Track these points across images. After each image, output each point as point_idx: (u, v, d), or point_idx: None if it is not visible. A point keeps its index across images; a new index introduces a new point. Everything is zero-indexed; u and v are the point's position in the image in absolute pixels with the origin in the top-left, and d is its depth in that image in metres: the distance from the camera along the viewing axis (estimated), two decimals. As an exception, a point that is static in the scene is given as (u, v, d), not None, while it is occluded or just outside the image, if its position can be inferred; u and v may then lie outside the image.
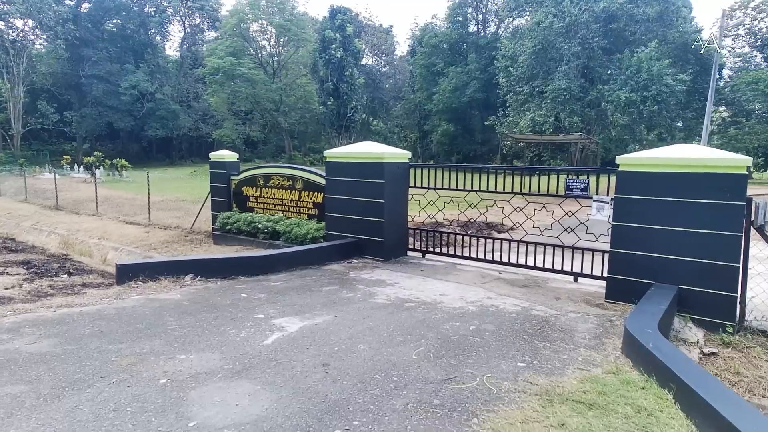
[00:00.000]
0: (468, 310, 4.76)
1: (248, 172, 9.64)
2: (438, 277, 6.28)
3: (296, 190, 8.76)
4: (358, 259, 7.23)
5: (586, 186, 6.00)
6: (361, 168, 7.20)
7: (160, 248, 9.69)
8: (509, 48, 32.74)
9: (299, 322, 4.12)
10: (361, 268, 6.67)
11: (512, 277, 6.36)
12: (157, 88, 41.77)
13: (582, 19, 27.78)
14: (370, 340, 3.74)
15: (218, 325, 3.95)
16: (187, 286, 5.26)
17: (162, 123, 42.69)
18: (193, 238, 10.45)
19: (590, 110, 28.53)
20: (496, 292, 5.59)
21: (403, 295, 5.26)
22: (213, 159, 10.12)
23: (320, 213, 8.37)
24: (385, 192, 7.05)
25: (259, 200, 9.40)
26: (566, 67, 28.24)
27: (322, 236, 7.91)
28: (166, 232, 11.23)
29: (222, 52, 32.89)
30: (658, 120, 27.43)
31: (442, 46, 44.78)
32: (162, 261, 5.66)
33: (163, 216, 13.08)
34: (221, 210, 9.88)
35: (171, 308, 4.37)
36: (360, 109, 35.11)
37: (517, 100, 31.85)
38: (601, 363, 3.41)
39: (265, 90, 34.06)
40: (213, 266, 5.80)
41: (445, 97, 40.86)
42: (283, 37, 36.01)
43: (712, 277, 4.60)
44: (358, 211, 7.30)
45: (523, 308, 4.90)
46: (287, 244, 8.32)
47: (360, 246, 7.34)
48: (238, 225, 9.16)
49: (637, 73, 26.65)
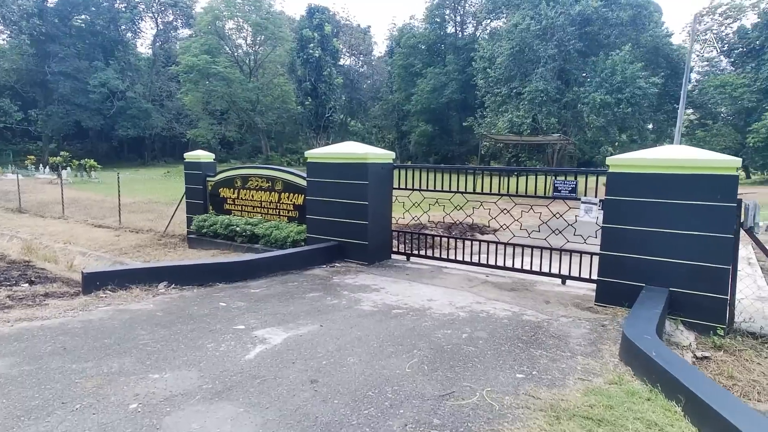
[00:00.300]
0: (458, 316, 4.59)
1: (225, 173, 9.29)
2: (424, 281, 6.10)
3: (276, 191, 8.47)
4: (341, 263, 7.00)
5: (574, 187, 5.92)
6: (344, 169, 6.98)
7: (131, 253, 9.24)
8: (487, 49, 32.98)
9: (283, 333, 3.87)
10: (344, 272, 6.44)
11: (500, 280, 6.23)
12: (128, 86, 40.52)
13: (558, 22, 28.16)
14: (360, 351, 3.52)
15: (195, 339, 3.66)
16: (160, 294, 4.94)
17: (133, 122, 41.43)
18: (166, 242, 10.02)
19: (566, 112, 28.94)
20: (485, 296, 5.44)
21: (390, 301, 5.06)
22: (188, 159, 9.72)
23: (301, 215, 8.10)
24: (368, 193, 6.84)
25: (237, 202, 9.06)
26: (543, 69, 28.58)
27: (303, 239, 7.64)
28: (138, 236, 10.74)
29: (196, 50, 32.05)
30: (631, 122, 28.01)
31: (420, 47, 44.86)
32: (133, 268, 5.31)
33: (135, 219, 12.55)
34: (197, 212, 9.49)
35: (143, 320, 4.05)
36: (338, 109, 34.74)
37: (495, 101, 32.09)
38: (601, 372, 3.28)
39: (241, 89, 33.36)
40: (189, 273, 5.48)
41: (423, 98, 40.92)
42: (259, 35, 35.37)
43: (703, 279, 4.54)
44: (340, 213, 7.07)
45: (513, 313, 4.77)
46: (267, 248, 8.02)
47: (343, 249, 7.11)
48: (215, 228, 8.80)
49: (611, 75, 27.17)
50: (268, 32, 34.42)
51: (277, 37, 34.64)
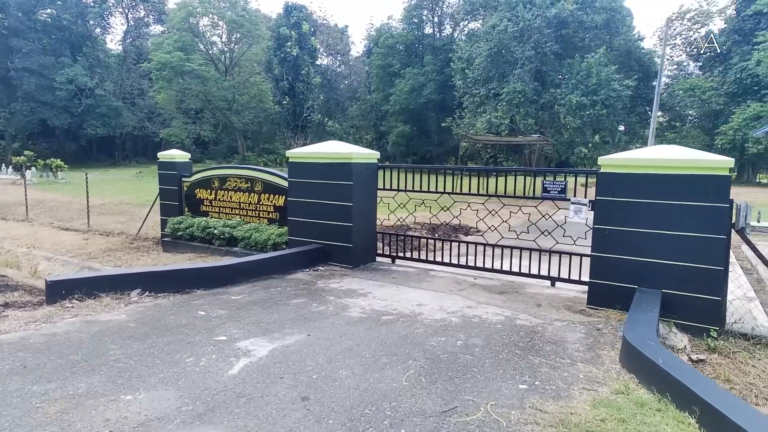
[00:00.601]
0: (450, 322, 4.42)
1: (202, 174, 8.91)
2: (412, 284, 5.92)
3: (255, 192, 8.15)
4: (325, 266, 6.76)
5: (564, 188, 5.83)
6: (328, 169, 6.74)
7: (101, 257, 8.77)
8: (465, 50, 33.13)
9: (268, 344, 3.62)
10: (328, 276, 6.20)
11: (488, 282, 6.10)
12: (97, 83, 39.13)
13: (535, 24, 28.47)
14: (352, 363, 3.30)
15: (173, 353, 3.37)
16: (133, 303, 4.61)
17: (103, 121, 40.02)
18: (139, 246, 9.56)
19: (543, 113, 29.29)
20: (475, 300, 5.29)
21: (379, 306, 4.85)
22: (162, 159, 9.30)
23: (282, 217, 7.82)
24: (353, 194, 6.62)
25: (215, 204, 8.70)
26: (521, 70, 28.84)
27: (285, 242, 7.37)
28: (108, 239, 10.24)
29: (169, 47, 31.11)
30: (605, 123, 28.53)
31: (399, 47, 44.82)
32: (103, 275, 4.95)
33: (105, 221, 11.99)
34: (172, 214, 9.08)
35: (114, 333, 3.74)
36: (316, 109, 34.28)
37: (474, 101, 32.24)
38: (604, 380, 3.15)
39: (216, 88, 32.57)
40: (164, 279, 5.15)
41: (402, 98, 40.87)
42: (235, 33, 34.63)
43: (696, 280, 4.49)
44: (324, 215, 6.83)
45: (506, 318, 4.63)
46: (246, 251, 7.71)
47: (326, 252, 6.86)
48: (191, 231, 8.42)
49: (587, 77, 27.61)
50: (244, 30, 33.72)
51: (254, 34, 33.96)
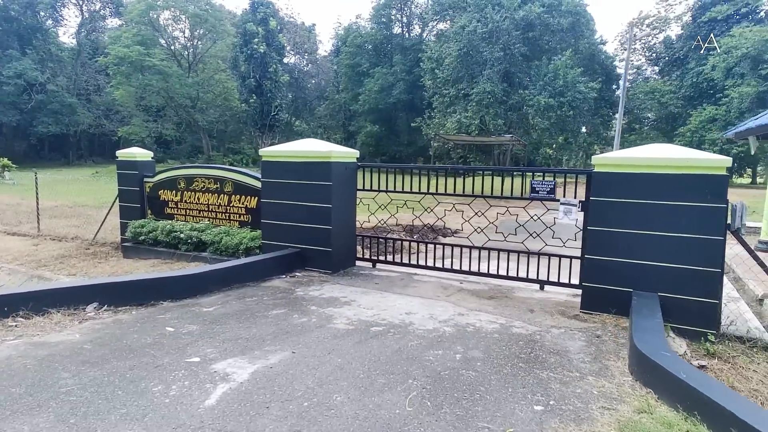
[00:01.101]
0: (444, 332, 4.12)
1: (166, 174, 8.30)
2: (396, 291, 5.60)
3: (225, 193, 7.64)
4: (302, 272, 6.35)
5: (553, 188, 5.65)
6: (305, 169, 6.33)
7: (52, 265, 8.03)
8: (435, 50, 33.13)
9: (249, 365, 3.21)
10: (307, 283, 5.80)
11: (476, 287, 5.86)
12: (48, 78, 36.96)
13: (504, 26, 28.74)
14: (346, 386, 2.94)
15: (137, 380, 2.92)
16: (89, 320, 4.08)
17: (56, 118, 37.84)
18: (96, 251, 8.84)
19: (513, 114, 29.61)
20: (465, 306, 5.02)
21: (366, 316, 4.51)
22: (121, 158, 8.62)
23: (254, 220, 7.35)
24: (332, 196, 6.24)
25: (181, 206, 8.11)
26: (490, 71, 29.05)
27: (258, 246, 6.90)
28: (62, 245, 9.44)
29: (128, 41, 29.60)
30: (572, 125, 29.12)
31: (367, 47, 44.47)
32: (54, 287, 4.38)
33: (58, 225, 11.11)
34: (133, 217, 8.42)
35: (66, 357, 3.24)
36: (285, 107, 33.44)
37: (443, 102, 32.29)
38: (621, 396, 2.92)
39: (179, 84, 31.25)
40: (125, 290, 4.63)
41: (371, 98, 40.54)
42: (198, 28, 33.37)
43: (693, 283, 4.37)
44: (300, 217, 6.42)
45: (501, 326, 4.37)
46: (216, 257, 7.20)
47: (303, 257, 6.46)
48: (155, 235, 7.81)
49: (554, 79, 28.09)
50: (208, 25, 32.53)
51: (218, 30, 32.84)
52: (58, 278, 7.31)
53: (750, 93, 25.86)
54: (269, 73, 29.31)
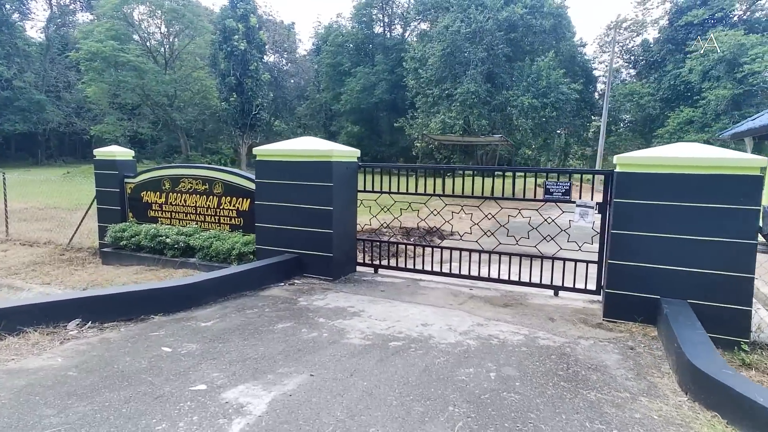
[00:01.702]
0: (469, 346, 3.80)
1: (150, 174, 7.76)
2: (405, 299, 5.26)
3: (215, 195, 7.16)
4: (302, 279, 5.95)
5: (568, 189, 5.40)
6: (303, 169, 5.93)
7: (24, 273, 7.41)
8: (418, 50, 32.91)
9: (264, 392, 2.81)
10: (309, 291, 5.41)
11: (487, 293, 5.56)
12: (15, 74, 35.28)
13: (487, 26, 28.71)
14: (381, 416, 2.58)
15: (136, 416, 2.49)
16: (72, 339, 3.60)
17: (23, 116, 36.16)
18: (72, 257, 8.23)
19: (496, 114, 29.61)
20: (481, 315, 4.72)
21: (380, 329, 4.15)
22: (99, 157, 8.03)
23: (246, 223, 6.91)
24: (333, 197, 5.86)
25: (166, 208, 7.59)
26: (473, 71, 28.99)
27: (252, 252, 6.47)
28: (34, 250, 8.78)
29: (101, 35, 28.39)
30: (555, 126, 29.31)
31: (348, 46, 44.01)
32: (29, 303, 3.87)
33: (28, 229, 10.38)
34: (113, 221, 7.85)
35: (49, 388, 2.78)
36: (266, 106, 32.66)
37: (427, 102, 32.07)
38: (685, 421, 2.64)
39: (155, 82, 30.16)
40: (110, 304, 4.15)
41: (353, 98, 40.09)
42: (175, 23, 32.31)
43: (725, 289, 4.15)
44: (298, 221, 6.02)
45: (526, 337, 4.08)
46: (206, 263, 6.73)
47: (302, 263, 6.06)
48: (138, 240, 7.27)
49: (537, 80, 28.20)
50: (185, 20, 31.52)
51: (196, 26, 31.87)
52: (30, 287, 6.71)
53: (726, 95, 26.45)
54: (250, 71, 28.55)
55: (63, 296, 3.99)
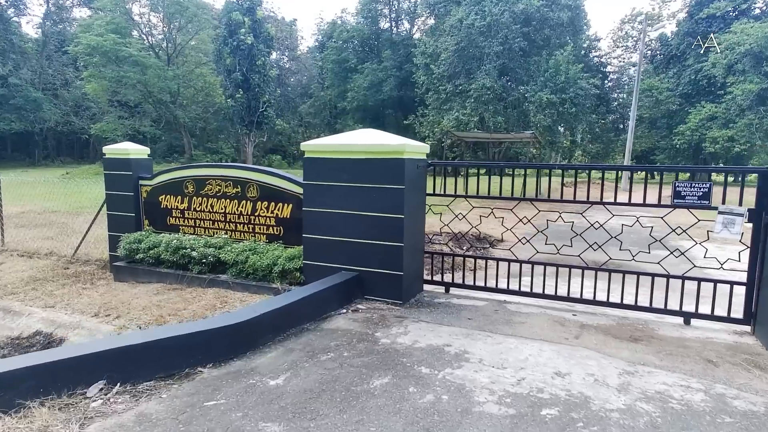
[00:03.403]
0: (649, 416, 2.72)
1: (169, 175, 6.64)
2: (504, 330, 4.18)
3: (249, 200, 6.05)
4: (364, 303, 4.86)
5: (707, 192, 4.31)
6: (368, 167, 4.84)
7: (22, 292, 6.29)
8: (429, 45, 31.80)
9: None
10: (381, 322, 4.31)
11: (596, 321, 4.48)
12: (10, 71, 34.03)
13: (503, 19, 27.63)
14: None
15: None
16: (96, 418, 2.49)
17: (19, 114, 34.89)
18: (78, 272, 7.11)
19: (512, 111, 28.55)
20: (617, 356, 3.64)
21: (509, 383, 3.06)
22: (111, 155, 6.91)
23: (288, 233, 5.82)
24: (405, 203, 4.77)
25: (188, 215, 6.48)
26: (489, 66, 27.92)
27: (298, 269, 5.37)
28: (33, 263, 7.66)
29: (101, 29, 27.13)
30: (573, 122, 28.26)
31: (354, 42, 42.89)
32: (31, 365, 2.71)
33: (27, 236, 9.25)
34: (126, 229, 6.74)
35: None
36: (273, 103, 31.43)
37: (438, 98, 30.98)
38: None
39: (158, 78, 28.90)
40: (143, 356, 3.03)
41: (360, 95, 39.00)
42: (178, 17, 31.06)
43: None
44: (359, 231, 4.93)
45: (707, 395, 3.00)
46: (240, 281, 5.63)
47: (362, 283, 4.97)
48: (157, 252, 6.16)
49: (555, 75, 27.12)
50: (189, 13, 30.27)
51: (201, 19, 30.64)
52: (31, 312, 5.60)
53: (752, 90, 25.43)
54: (257, 67, 27.33)
55: (78, 350, 2.87)
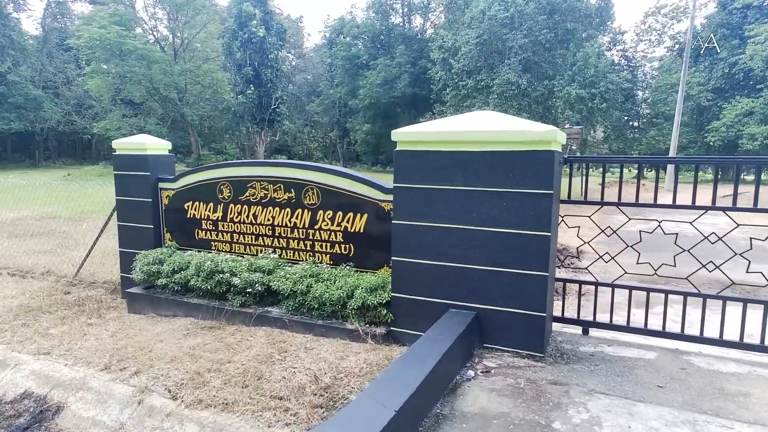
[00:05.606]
0: None
1: (198, 175, 5.16)
2: (724, 406, 2.78)
3: (307, 208, 4.58)
4: (486, 355, 3.43)
5: None
6: (497, 163, 3.39)
7: (10, 330, 4.83)
8: (448, 39, 30.26)
9: None
10: (539, 397, 2.88)
11: None
12: (9, 68, 32.60)
13: (527, 10, 26.08)
14: None
15: None
16: None
17: (19, 113, 33.47)
18: (82, 299, 5.65)
19: (538, 107, 27.02)
20: None
21: None
22: (122, 150, 5.44)
23: (360, 252, 4.36)
24: (552, 214, 3.32)
25: (224, 227, 5.01)
26: (513, 60, 26.38)
27: (384, 303, 3.91)
28: (26, 286, 6.21)
29: (104, 21, 25.68)
30: (604, 118, 26.72)
31: (365, 38, 41.38)
32: None
33: (20, 249, 7.81)
34: (142, 245, 5.28)
35: None
36: (286, 100, 29.93)
37: (458, 95, 29.42)
38: None
39: (164, 73, 27.42)
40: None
41: (372, 92, 37.43)
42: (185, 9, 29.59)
43: None
44: (481, 253, 3.49)
45: None
46: (298, 318, 4.18)
47: (482, 326, 3.52)
48: (185, 276, 4.69)
49: (583, 69, 25.57)
50: (197, 4, 28.80)
51: (209, 11, 29.19)
52: (19, 361, 4.15)
53: (795, 83, 23.88)
54: (269, 61, 25.82)
55: None
